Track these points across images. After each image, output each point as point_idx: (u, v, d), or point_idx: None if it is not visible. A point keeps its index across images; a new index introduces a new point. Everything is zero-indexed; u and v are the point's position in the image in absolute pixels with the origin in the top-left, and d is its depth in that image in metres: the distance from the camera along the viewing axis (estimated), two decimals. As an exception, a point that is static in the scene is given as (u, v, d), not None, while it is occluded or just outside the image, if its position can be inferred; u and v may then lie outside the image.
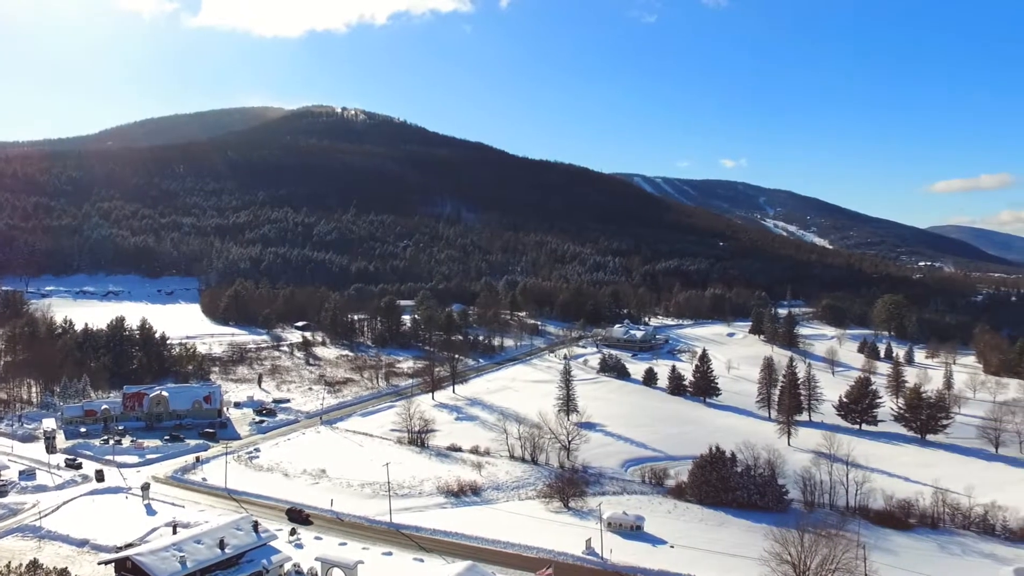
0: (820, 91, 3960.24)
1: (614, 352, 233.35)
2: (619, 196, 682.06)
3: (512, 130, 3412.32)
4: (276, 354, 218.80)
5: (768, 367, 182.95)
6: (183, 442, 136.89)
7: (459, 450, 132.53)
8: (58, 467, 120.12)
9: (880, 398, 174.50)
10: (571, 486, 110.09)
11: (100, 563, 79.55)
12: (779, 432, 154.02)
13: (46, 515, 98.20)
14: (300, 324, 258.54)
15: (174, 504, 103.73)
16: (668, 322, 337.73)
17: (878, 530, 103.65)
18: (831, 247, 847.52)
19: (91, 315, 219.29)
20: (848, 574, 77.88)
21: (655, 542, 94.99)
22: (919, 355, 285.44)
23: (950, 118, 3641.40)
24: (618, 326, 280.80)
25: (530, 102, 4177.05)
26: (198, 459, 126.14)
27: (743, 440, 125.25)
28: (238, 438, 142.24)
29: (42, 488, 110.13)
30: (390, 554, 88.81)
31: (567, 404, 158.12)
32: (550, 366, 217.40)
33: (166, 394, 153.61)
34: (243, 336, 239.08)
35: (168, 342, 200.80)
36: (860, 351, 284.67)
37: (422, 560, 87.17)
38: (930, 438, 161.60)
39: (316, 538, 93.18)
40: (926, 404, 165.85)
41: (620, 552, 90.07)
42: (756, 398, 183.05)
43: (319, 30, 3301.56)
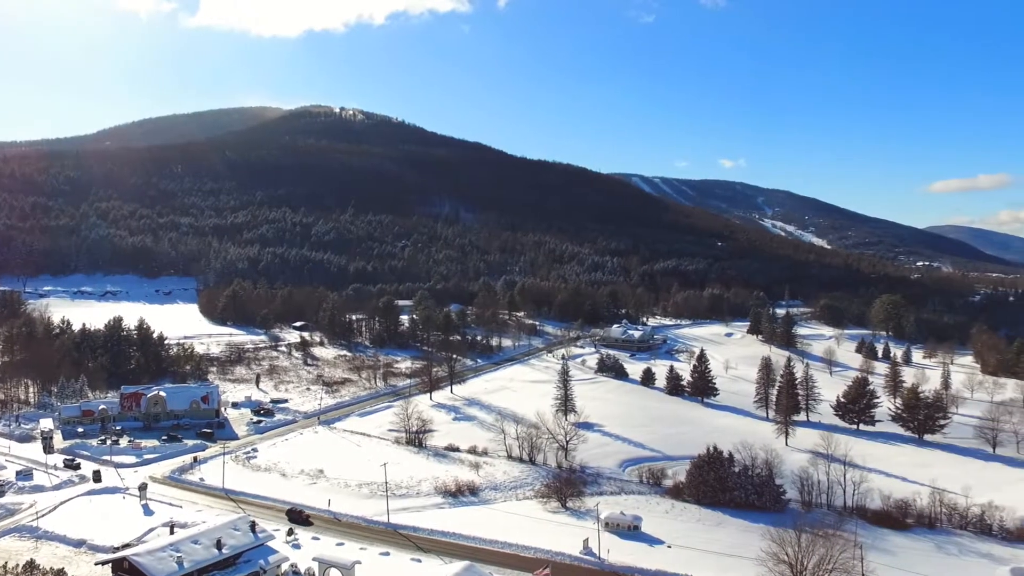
0: (818, 91, 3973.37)
1: (612, 352, 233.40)
2: (617, 196, 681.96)
3: (510, 130, 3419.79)
4: (274, 354, 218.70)
5: (766, 367, 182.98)
6: (181, 442, 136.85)
7: (457, 450, 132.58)
8: (55, 467, 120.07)
9: (878, 398, 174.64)
10: (569, 486, 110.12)
11: (97, 563, 79.39)
12: (777, 432, 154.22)
13: (43, 515, 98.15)
14: (298, 324, 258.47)
15: (171, 504, 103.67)
16: (666, 322, 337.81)
17: (875, 530, 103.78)
18: (829, 247, 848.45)
19: (89, 315, 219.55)
20: (845, 574, 77.95)
21: (652, 542, 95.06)
22: (917, 355, 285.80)
23: (948, 118, 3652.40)
24: (616, 326, 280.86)
25: (528, 102, 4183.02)
26: (196, 459, 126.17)
27: (741, 440, 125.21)
28: (236, 438, 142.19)
29: (39, 488, 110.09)
30: (387, 554, 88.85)
31: (565, 404, 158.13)
32: (548, 366, 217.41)
33: (164, 394, 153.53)
34: (241, 336, 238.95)
35: (166, 342, 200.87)
36: (858, 351, 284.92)
37: (420, 560, 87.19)
38: (927, 438, 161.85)
39: (313, 538, 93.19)
40: (923, 404, 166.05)
41: (617, 552, 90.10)
42: (754, 398, 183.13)
43: (317, 30, 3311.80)
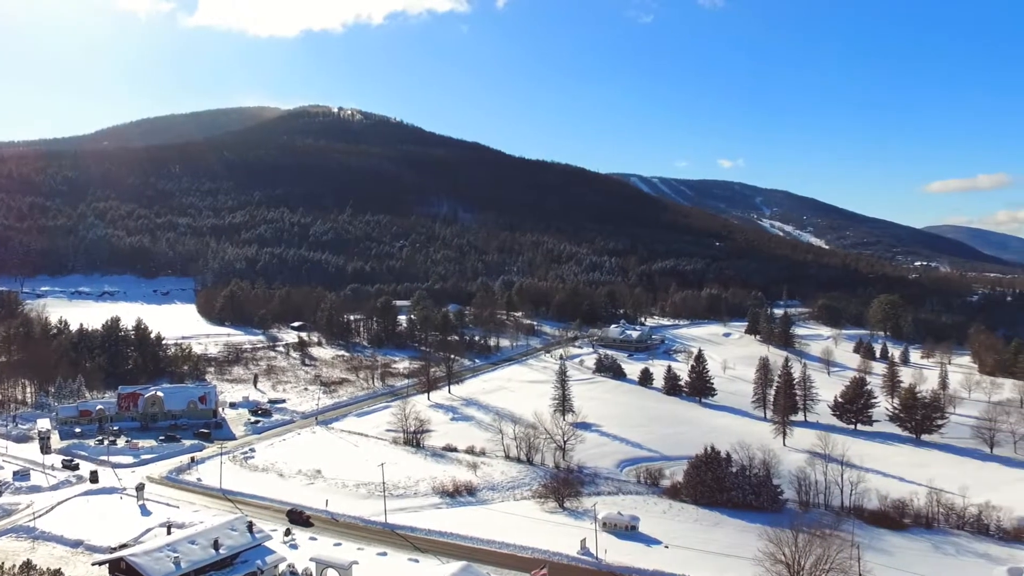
0: (817, 91, 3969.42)
1: (610, 352, 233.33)
2: (616, 196, 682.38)
3: (508, 130, 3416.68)
4: (272, 354, 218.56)
5: (764, 367, 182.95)
6: (178, 442, 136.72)
7: (454, 450, 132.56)
8: (52, 467, 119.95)
9: (875, 398, 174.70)
10: (566, 486, 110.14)
11: (94, 564, 79.31)
12: (774, 432, 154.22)
13: (40, 516, 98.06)
14: (296, 324, 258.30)
15: (169, 504, 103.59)
16: (664, 322, 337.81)
17: (873, 530, 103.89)
18: (827, 247, 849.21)
19: (86, 315, 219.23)
20: (842, 574, 78.03)
21: (650, 542, 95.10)
22: (915, 355, 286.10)
23: (947, 118, 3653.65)
24: (614, 326, 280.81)
25: (527, 102, 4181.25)
26: (193, 459, 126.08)
27: (738, 440, 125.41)
28: (233, 438, 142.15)
29: (36, 488, 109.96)
30: (385, 554, 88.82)
31: (563, 404, 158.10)
32: (546, 366, 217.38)
33: (161, 394, 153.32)
34: (239, 336, 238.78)
35: (163, 342, 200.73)
36: (856, 351, 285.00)
37: (417, 560, 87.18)
38: (925, 438, 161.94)
39: (311, 538, 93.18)
40: (921, 404, 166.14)
41: (615, 552, 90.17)
42: (752, 398, 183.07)
43: (315, 30, 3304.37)
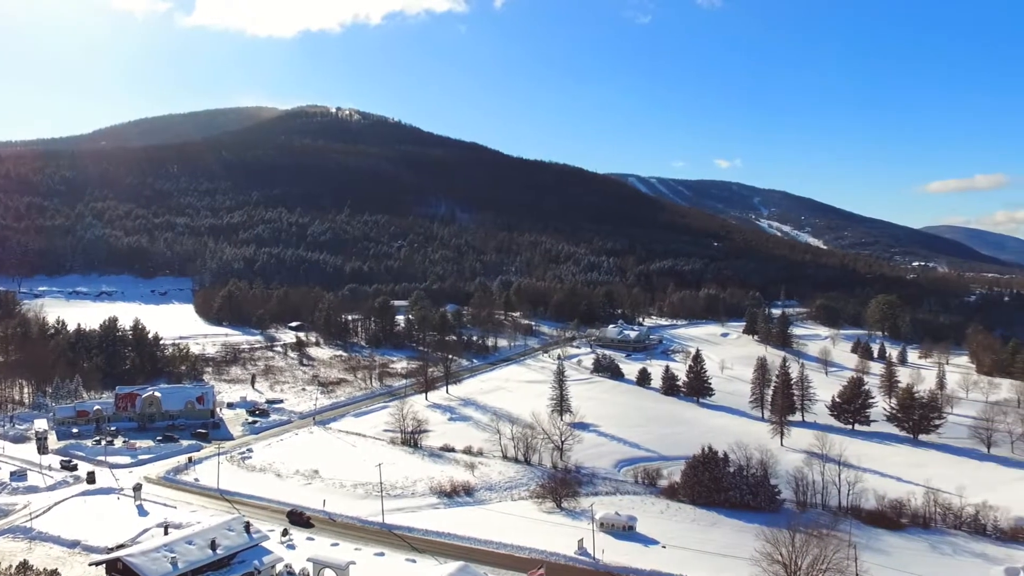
0: (815, 91, 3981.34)
1: (608, 352, 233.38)
2: (613, 196, 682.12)
3: (507, 130, 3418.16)
4: (269, 354, 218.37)
5: (761, 367, 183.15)
6: (176, 443, 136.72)
7: (452, 450, 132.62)
8: (49, 468, 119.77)
9: (873, 398, 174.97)
10: (564, 486, 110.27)
11: (91, 564, 79.26)
12: (772, 432, 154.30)
13: (37, 516, 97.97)
14: (294, 324, 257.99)
15: (166, 505, 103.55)
16: (662, 322, 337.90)
17: (870, 530, 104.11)
18: (825, 247, 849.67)
19: (84, 315, 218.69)
20: (839, 574, 78.19)
21: (647, 542, 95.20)
22: (912, 355, 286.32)
23: (945, 118, 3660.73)
24: (612, 326, 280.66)
25: (525, 102, 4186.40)
26: (190, 460, 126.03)
27: (736, 440, 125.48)
28: (231, 439, 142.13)
29: (33, 489, 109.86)
30: (382, 555, 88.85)
31: (560, 404, 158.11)
32: (544, 366, 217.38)
33: (159, 395, 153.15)
34: (237, 336, 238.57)
35: (161, 342, 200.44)
36: (854, 351, 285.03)
37: (414, 561, 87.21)
38: (922, 438, 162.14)
39: (308, 539, 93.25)
40: (918, 404, 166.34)
41: (612, 552, 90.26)
42: (749, 398, 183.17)
43: (313, 30, 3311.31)
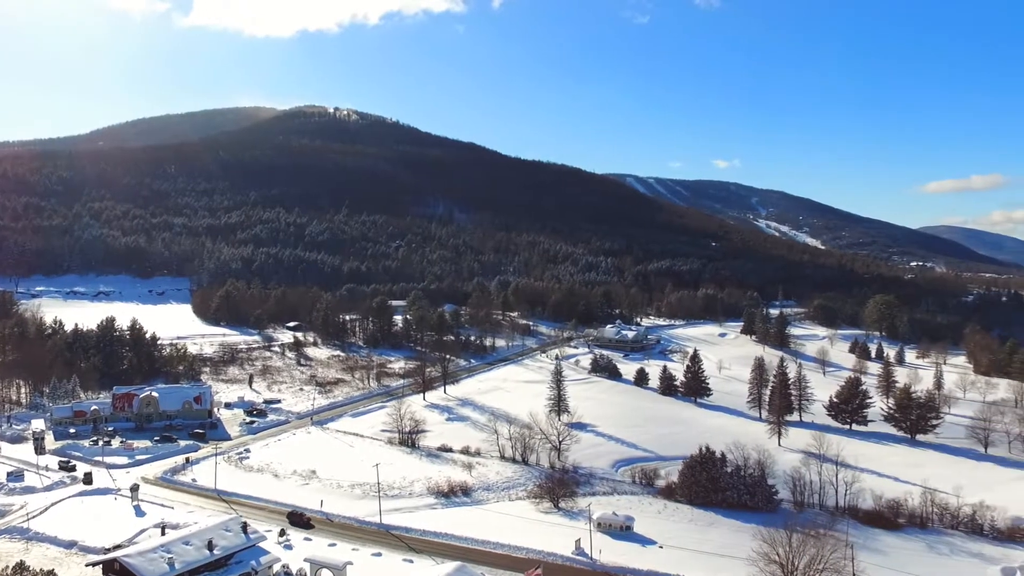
0: (813, 92, 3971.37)
1: (606, 352, 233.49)
2: (611, 196, 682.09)
3: (505, 130, 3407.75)
4: (267, 354, 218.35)
5: (759, 367, 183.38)
6: (173, 443, 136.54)
7: (450, 451, 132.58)
8: (46, 468, 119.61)
9: (870, 398, 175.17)
10: (561, 486, 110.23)
11: (88, 565, 79.13)
12: (769, 432, 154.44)
13: (34, 517, 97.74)
14: (291, 324, 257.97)
15: (163, 505, 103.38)
16: (660, 322, 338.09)
17: (867, 530, 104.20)
18: (823, 247, 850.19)
19: (81, 315, 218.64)
20: (836, 574, 78.18)
21: (644, 542, 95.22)
22: (910, 355, 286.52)
23: (943, 119, 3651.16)
24: (610, 326, 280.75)
25: (523, 102, 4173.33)
26: (188, 460, 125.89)
27: (733, 440, 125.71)
28: (228, 439, 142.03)
29: (30, 489, 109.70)
30: (379, 555, 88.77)
31: (558, 404, 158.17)
32: (542, 366, 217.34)
33: (156, 395, 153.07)
34: (234, 336, 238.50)
35: (159, 342, 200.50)
36: (851, 351, 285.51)
37: (412, 561, 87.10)
38: (920, 438, 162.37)
39: (305, 539, 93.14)
40: (916, 404, 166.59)
41: (609, 552, 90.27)
42: (747, 398, 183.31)
43: (311, 30, 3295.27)
